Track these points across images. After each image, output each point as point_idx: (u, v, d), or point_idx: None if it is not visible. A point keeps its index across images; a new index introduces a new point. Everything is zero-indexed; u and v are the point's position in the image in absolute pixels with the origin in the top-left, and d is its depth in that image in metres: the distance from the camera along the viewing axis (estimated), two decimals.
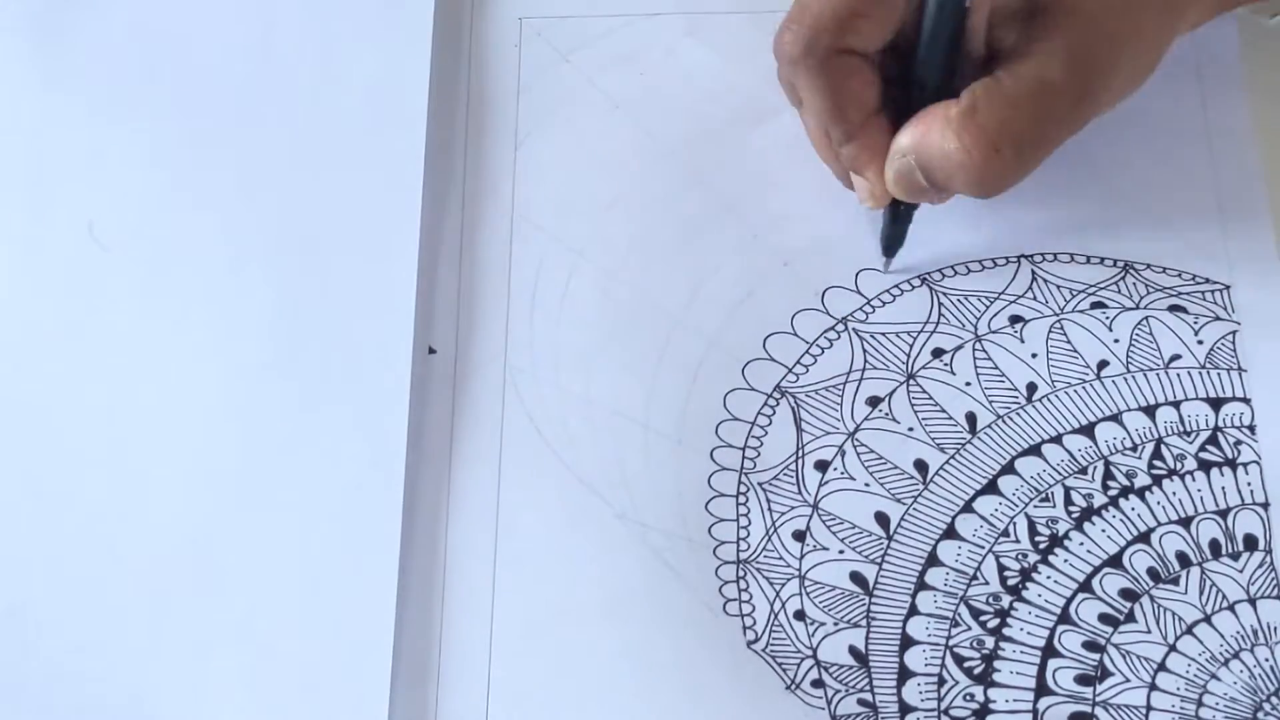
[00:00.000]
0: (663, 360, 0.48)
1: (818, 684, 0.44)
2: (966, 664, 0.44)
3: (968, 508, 0.46)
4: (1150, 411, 0.46)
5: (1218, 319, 0.47)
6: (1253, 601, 0.44)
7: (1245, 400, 0.46)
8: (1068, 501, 0.45)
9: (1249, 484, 0.45)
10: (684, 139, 0.51)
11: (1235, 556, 0.44)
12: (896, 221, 0.48)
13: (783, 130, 0.51)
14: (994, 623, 0.44)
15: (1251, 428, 0.46)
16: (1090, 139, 0.49)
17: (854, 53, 0.44)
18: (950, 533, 0.45)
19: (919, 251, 0.49)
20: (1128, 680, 0.43)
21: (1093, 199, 0.49)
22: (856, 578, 0.45)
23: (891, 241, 0.48)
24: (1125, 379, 0.47)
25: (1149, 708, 0.43)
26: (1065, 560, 0.45)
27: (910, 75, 0.45)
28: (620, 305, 0.49)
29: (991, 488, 0.46)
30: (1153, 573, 0.44)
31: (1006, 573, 0.45)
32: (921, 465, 0.46)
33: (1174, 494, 0.45)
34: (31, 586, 0.47)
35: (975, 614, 0.45)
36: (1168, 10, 0.45)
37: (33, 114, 0.53)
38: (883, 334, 0.48)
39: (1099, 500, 0.45)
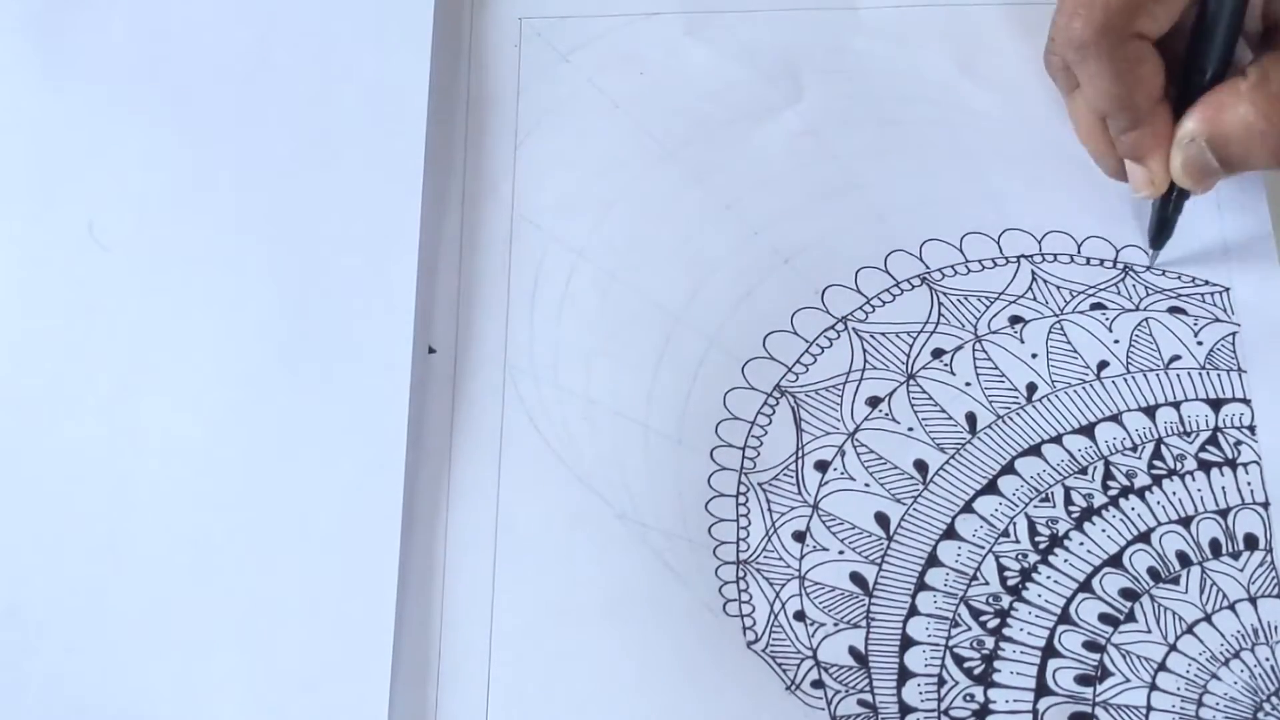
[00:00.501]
0: (663, 359, 0.48)
1: (818, 684, 0.44)
2: (966, 664, 0.44)
3: (968, 508, 0.46)
4: (1150, 412, 0.46)
5: (1217, 320, 0.47)
6: (1253, 600, 0.44)
7: (1245, 401, 0.46)
8: (1068, 501, 0.45)
9: (1249, 484, 0.45)
10: (684, 139, 0.51)
11: (1236, 556, 0.44)
12: (1170, 211, 0.47)
13: (783, 129, 0.51)
14: (994, 623, 0.44)
15: (1251, 428, 0.46)
16: None
17: (1142, 37, 0.44)
18: (950, 533, 0.45)
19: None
20: (1128, 680, 0.43)
21: (1092, 200, 0.49)
22: (856, 578, 0.45)
23: (1161, 231, 0.48)
24: (1125, 379, 0.47)
25: (1149, 708, 0.43)
26: (1065, 560, 0.45)
27: (1190, 60, 0.45)
28: (620, 304, 0.49)
29: (991, 488, 0.46)
30: (1153, 572, 0.44)
31: (1006, 573, 0.45)
32: (921, 465, 0.46)
33: (1174, 494, 0.45)
34: (31, 586, 0.46)
35: (975, 614, 0.44)
36: None
37: (33, 113, 0.53)
38: (883, 334, 0.48)
39: (1099, 500, 0.45)
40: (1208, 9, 0.44)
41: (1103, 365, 0.47)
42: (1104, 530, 0.45)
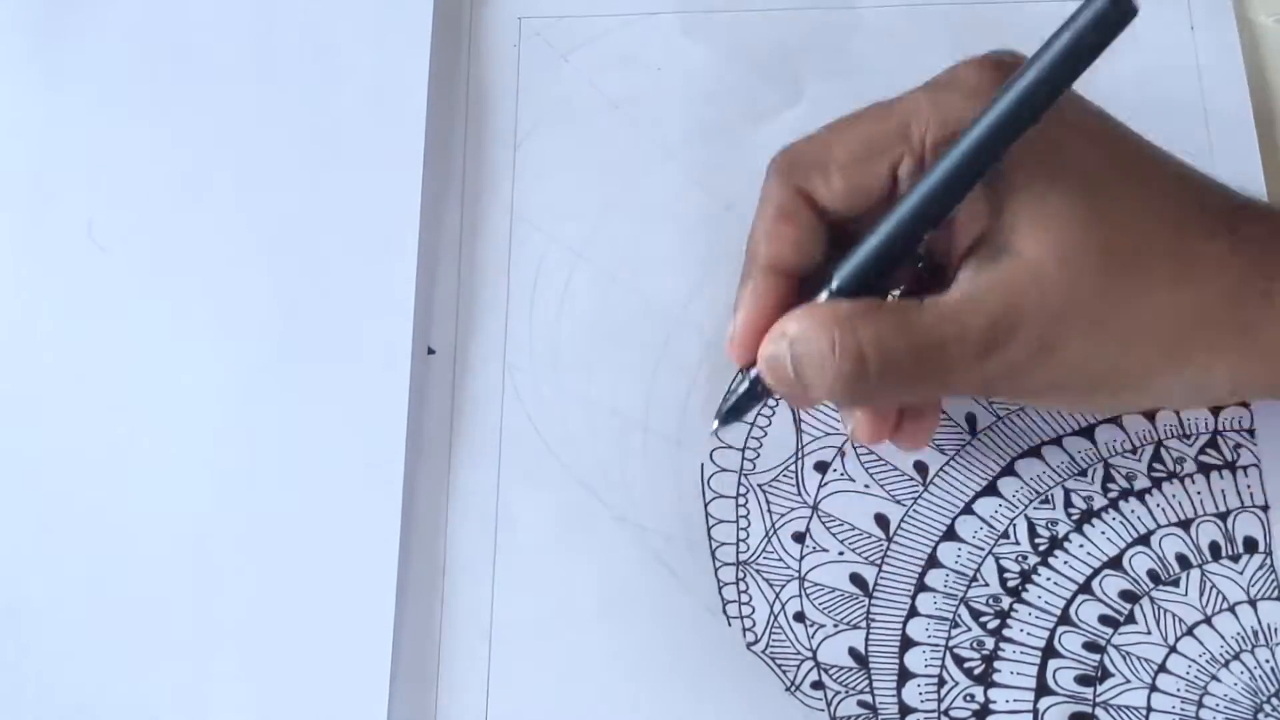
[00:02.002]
0: (662, 361, 0.48)
1: (817, 685, 0.44)
2: (966, 665, 0.44)
3: (967, 509, 0.46)
4: (1149, 414, 0.46)
5: None
6: (1253, 603, 0.44)
7: (1244, 403, 0.46)
8: (1067, 503, 0.45)
9: (1248, 486, 0.45)
10: (683, 139, 0.51)
11: (1235, 559, 0.44)
12: (749, 397, 0.43)
13: (782, 130, 0.50)
14: (994, 624, 0.44)
15: (1251, 431, 0.46)
16: None
17: (810, 204, 0.41)
18: (950, 534, 0.45)
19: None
20: (1128, 681, 0.43)
21: None
22: (856, 579, 0.45)
23: (733, 413, 0.44)
24: None
25: (1149, 709, 0.43)
26: (1065, 562, 0.45)
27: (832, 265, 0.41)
28: (620, 305, 0.49)
29: (991, 489, 0.46)
30: (1153, 574, 0.44)
31: (1006, 574, 0.45)
32: (921, 467, 0.46)
33: (1173, 496, 0.45)
34: (30, 587, 0.47)
35: (975, 615, 0.45)
36: (1170, 354, 0.39)
37: (32, 114, 0.53)
38: None
39: (1099, 502, 0.45)
40: (862, 236, 0.40)
41: None
42: (1103, 532, 0.45)
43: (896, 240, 0.39)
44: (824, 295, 0.40)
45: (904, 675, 0.44)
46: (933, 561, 0.45)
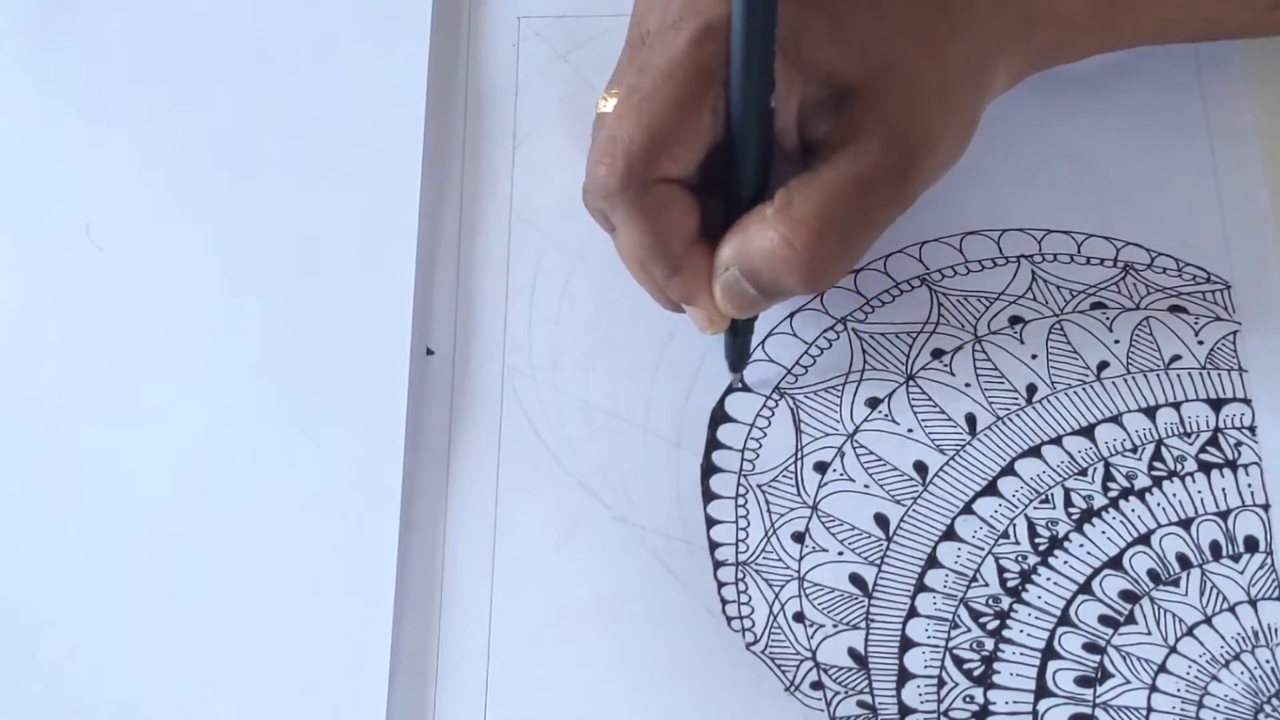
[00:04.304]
0: (661, 362, 0.48)
1: (817, 686, 0.44)
2: (966, 665, 0.44)
3: (967, 509, 0.46)
4: (1150, 413, 0.46)
5: (1218, 319, 0.47)
6: (1253, 603, 0.44)
7: (1246, 401, 0.46)
8: (1068, 503, 0.45)
9: (1249, 485, 0.45)
10: None
11: (1236, 558, 0.44)
12: (737, 335, 0.46)
13: None
14: (994, 624, 0.44)
15: (1252, 429, 0.46)
16: (1091, 139, 0.49)
17: (670, 180, 0.41)
18: (950, 534, 0.45)
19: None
20: (1128, 682, 0.43)
21: (1092, 198, 0.49)
22: (856, 579, 0.45)
23: (738, 357, 0.47)
24: (1125, 380, 0.47)
25: (1150, 709, 0.43)
26: (1065, 562, 0.45)
27: (728, 188, 0.42)
28: (619, 306, 0.49)
29: (991, 489, 0.46)
30: (1153, 574, 0.44)
31: (1006, 574, 0.45)
32: (921, 467, 0.46)
33: (1174, 495, 0.45)
34: (29, 588, 0.47)
35: (975, 615, 0.44)
36: (976, 79, 0.43)
37: (30, 115, 0.53)
38: (882, 334, 0.48)
39: (1099, 502, 0.45)
40: (733, 137, 0.41)
41: (1103, 366, 0.47)
42: (1104, 532, 0.45)
43: (762, 138, 0.41)
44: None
45: (903, 676, 0.44)
46: (932, 561, 0.45)
